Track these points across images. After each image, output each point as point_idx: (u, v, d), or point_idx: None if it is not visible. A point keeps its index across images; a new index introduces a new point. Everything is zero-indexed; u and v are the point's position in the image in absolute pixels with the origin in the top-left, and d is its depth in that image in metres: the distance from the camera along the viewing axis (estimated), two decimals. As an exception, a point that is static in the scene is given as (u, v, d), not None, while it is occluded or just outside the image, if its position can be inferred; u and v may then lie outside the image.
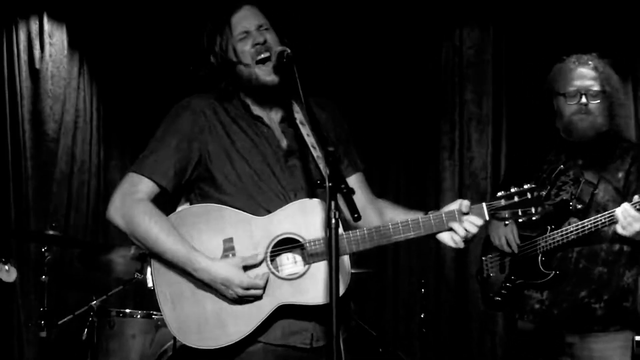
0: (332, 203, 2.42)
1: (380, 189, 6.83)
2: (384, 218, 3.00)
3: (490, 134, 6.54)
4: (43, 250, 5.14)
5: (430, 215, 2.83)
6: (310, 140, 2.92)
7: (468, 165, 6.55)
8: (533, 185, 2.86)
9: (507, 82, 6.51)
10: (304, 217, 2.78)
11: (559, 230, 3.72)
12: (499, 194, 2.87)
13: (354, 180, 3.11)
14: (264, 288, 2.72)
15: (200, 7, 3.08)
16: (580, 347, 3.76)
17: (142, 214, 2.78)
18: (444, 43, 6.75)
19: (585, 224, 3.63)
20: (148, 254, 2.85)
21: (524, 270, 3.83)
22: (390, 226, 2.81)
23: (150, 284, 2.84)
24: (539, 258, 3.76)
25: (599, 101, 3.74)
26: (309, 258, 2.75)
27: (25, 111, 6.26)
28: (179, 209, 2.93)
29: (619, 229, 3.52)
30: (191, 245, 2.74)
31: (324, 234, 2.70)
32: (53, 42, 6.47)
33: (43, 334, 5.04)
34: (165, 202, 2.91)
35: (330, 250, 2.39)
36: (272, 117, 2.98)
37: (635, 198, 3.51)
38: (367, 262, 5.72)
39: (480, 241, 4.11)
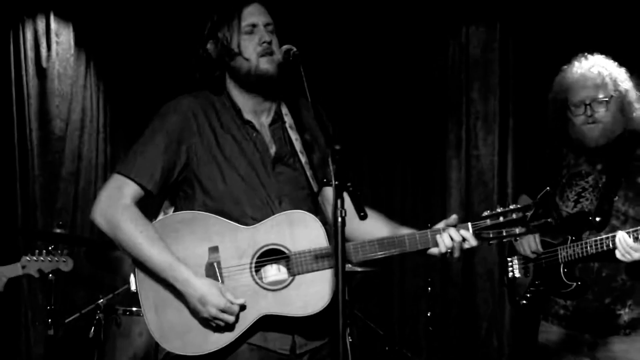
0: (339, 201, 2.41)
1: (386, 188, 6.84)
2: (376, 232, 3.01)
3: (497, 132, 6.53)
4: (50, 248, 5.14)
5: (416, 232, 2.90)
6: (298, 145, 2.94)
7: (474, 164, 6.54)
8: (518, 206, 2.90)
9: (514, 80, 6.50)
10: (291, 229, 2.77)
11: (579, 242, 3.63)
12: (485, 213, 2.91)
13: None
14: (237, 315, 2.71)
15: (207, 3, 3.06)
16: (603, 349, 3.68)
17: (127, 221, 2.76)
18: (450, 41, 6.74)
19: (604, 240, 3.50)
20: (132, 261, 2.82)
21: (547, 278, 3.76)
22: (376, 242, 2.86)
23: (133, 288, 2.84)
24: (561, 268, 3.69)
25: (605, 109, 3.65)
26: (295, 269, 2.75)
27: (32, 110, 6.27)
28: (161, 215, 2.93)
29: (618, 255, 3.45)
30: (175, 257, 2.73)
31: (310, 245, 2.75)
32: (60, 41, 6.48)
33: (50, 332, 5.04)
34: (147, 204, 2.89)
35: (337, 249, 2.38)
36: (263, 122, 2.96)
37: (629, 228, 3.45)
38: (373, 260, 5.70)
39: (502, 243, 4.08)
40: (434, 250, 2.90)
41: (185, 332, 2.74)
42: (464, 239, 2.85)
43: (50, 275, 5.07)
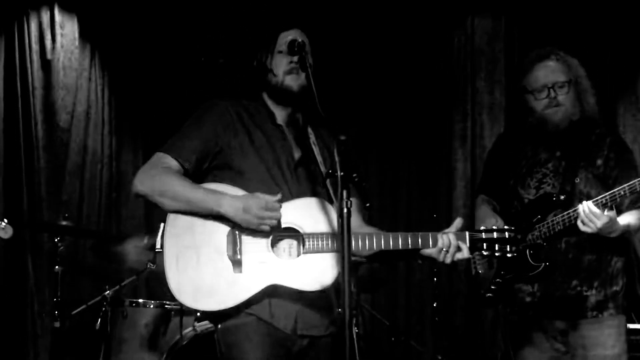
0: (344, 192, 2.43)
1: (392, 180, 6.84)
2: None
3: (503, 123, 6.52)
4: (56, 240, 5.16)
5: (419, 233, 3.05)
6: (319, 159, 3.21)
7: (480, 155, 6.52)
8: (512, 228, 3.14)
9: (516, 71, 6.48)
10: (309, 212, 3.04)
11: (545, 222, 3.74)
12: (481, 227, 3.13)
13: None
14: (279, 220, 2.96)
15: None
16: (574, 334, 3.77)
17: (165, 174, 3.03)
18: (455, 32, 6.73)
19: (571, 214, 3.64)
20: (169, 212, 3.03)
21: (512, 264, 3.79)
22: (375, 235, 3.04)
23: (158, 246, 3.03)
24: (527, 251, 3.74)
25: (567, 91, 3.80)
26: (308, 248, 2.98)
27: (37, 102, 6.28)
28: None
29: (579, 224, 3.57)
30: (213, 189, 3.02)
31: (325, 229, 3.01)
32: (64, 33, 6.48)
33: (57, 324, 5.06)
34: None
35: (342, 240, 2.40)
36: (290, 131, 3.25)
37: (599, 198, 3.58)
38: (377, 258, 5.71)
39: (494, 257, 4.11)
40: (428, 251, 3.06)
41: (197, 290, 2.96)
42: (459, 247, 3.04)
43: (57, 267, 5.09)
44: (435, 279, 5.83)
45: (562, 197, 3.73)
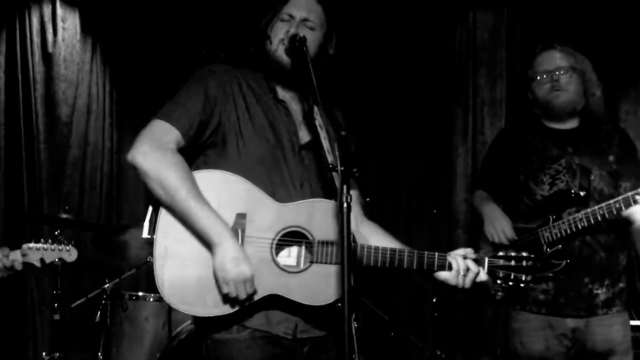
0: (344, 187, 2.40)
1: (394, 175, 6.83)
2: (372, 241, 3.00)
3: (504, 119, 6.51)
4: (56, 233, 5.14)
5: (435, 253, 2.91)
6: (325, 144, 2.90)
7: (481, 150, 6.51)
8: (531, 256, 3.00)
9: (521, 66, 6.46)
10: (319, 216, 2.76)
11: (565, 219, 3.72)
12: (500, 253, 2.99)
13: None
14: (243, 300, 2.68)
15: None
16: (584, 332, 3.78)
17: (174, 167, 2.70)
18: (457, 27, 6.72)
19: (596, 210, 3.63)
20: (162, 205, 2.72)
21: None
22: (397, 252, 2.88)
23: (146, 234, 2.75)
24: (545, 249, 3.72)
25: (569, 76, 3.84)
26: (315, 257, 2.74)
27: (38, 95, 6.28)
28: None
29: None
30: (215, 212, 2.68)
31: (336, 237, 2.73)
32: (66, 26, 6.48)
33: (57, 317, 5.05)
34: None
35: (342, 235, 2.37)
36: (295, 109, 2.99)
37: None
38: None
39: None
40: (444, 274, 2.93)
41: (187, 290, 2.68)
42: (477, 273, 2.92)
43: (57, 260, 5.08)
44: (435, 274, 5.82)
45: (582, 194, 3.74)
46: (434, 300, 5.83)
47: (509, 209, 3.94)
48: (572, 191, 3.75)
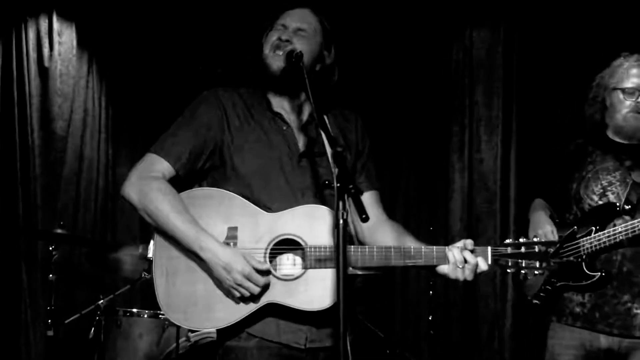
0: (340, 203, 2.40)
1: (390, 191, 6.83)
2: (391, 241, 3.02)
3: (500, 136, 6.50)
4: (51, 248, 5.14)
5: (434, 247, 2.88)
6: (329, 149, 2.89)
7: (477, 167, 6.51)
8: (542, 240, 2.90)
9: (518, 83, 6.48)
10: (311, 222, 2.80)
11: (605, 231, 3.64)
12: (507, 241, 2.92)
13: (367, 198, 3.18)
14: (262, 287, 2.73)
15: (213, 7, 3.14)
16: (618, 353, 3.66)
17: (156, 191, 2.82)
18: (454, 44, 6.73)
19: (636, 225, 3.55)
20: (154, 229, 2.85)
21: (566, 272, 3.72)
22: (392, 250, 2.85)
23: (150, 255, 2.89)
24: (583, 260, 3.66)
25: None
26: (308, 263, 2.77)
27: (34, 109, 6.27)
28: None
29: None
30: (201, 227, 2.77)
31: (330, 241, 2.75)
32: (62, 40, 6.48)
33: (50, 333, 5.03)
34: (179, 189, 2.91)
35: (338, 251, 2.37)
36: (293, 119, 3.03)
37: None
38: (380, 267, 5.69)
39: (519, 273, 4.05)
40: (444, 268, 2.90)
41: (191, 305, 2.77)
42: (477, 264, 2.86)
43: (51, 275, 5.07)
44: (431, 291, 5.81)
45: (626, 207, 3.66)
46: (429, 318, 5.81)
47: (560, 218, 3.87)
48: (617, 204, 3.68)
